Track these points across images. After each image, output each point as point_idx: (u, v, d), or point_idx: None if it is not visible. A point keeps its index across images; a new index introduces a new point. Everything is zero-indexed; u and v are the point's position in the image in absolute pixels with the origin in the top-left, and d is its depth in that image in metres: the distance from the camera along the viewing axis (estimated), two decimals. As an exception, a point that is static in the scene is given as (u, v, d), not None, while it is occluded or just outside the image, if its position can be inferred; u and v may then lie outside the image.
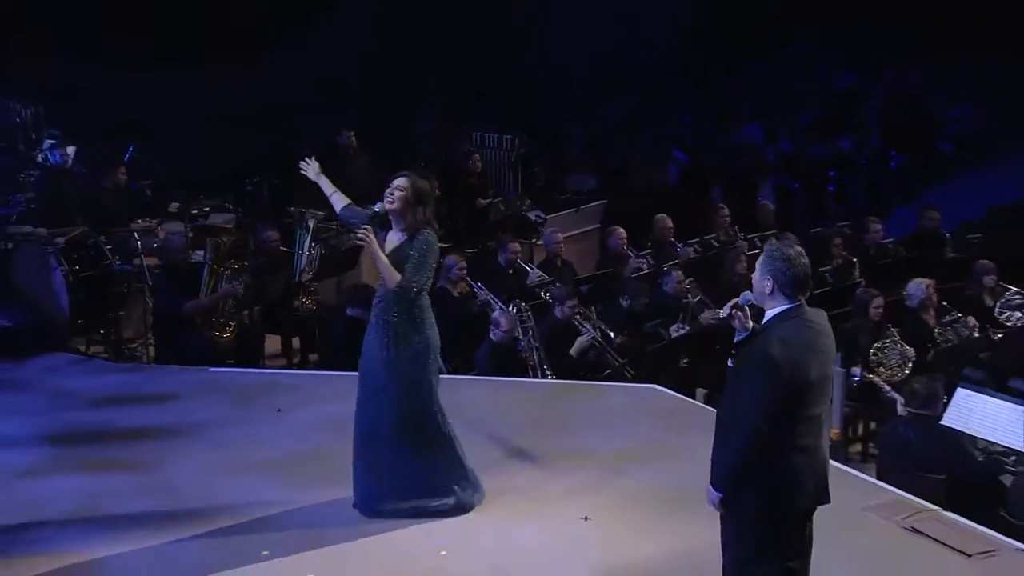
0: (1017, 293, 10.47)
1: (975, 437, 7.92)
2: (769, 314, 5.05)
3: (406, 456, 6.67)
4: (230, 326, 10.02)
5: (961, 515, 6.88)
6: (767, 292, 5.06)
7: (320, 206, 11.66)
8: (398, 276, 6.38)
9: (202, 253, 10.28)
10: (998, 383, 8.94)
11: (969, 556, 6.33)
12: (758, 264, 5.30)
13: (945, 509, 6.92)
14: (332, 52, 16.18)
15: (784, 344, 5.03)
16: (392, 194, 6.45)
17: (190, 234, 11.05)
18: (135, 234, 10.85)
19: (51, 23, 13.62)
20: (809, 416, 5.00)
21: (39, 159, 12.77)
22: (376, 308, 6.67)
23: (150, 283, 10.27)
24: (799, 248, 5.29)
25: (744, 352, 5.22)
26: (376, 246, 6.46)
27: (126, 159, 11.80)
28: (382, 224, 6.57)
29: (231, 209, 12.08)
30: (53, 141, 12.74)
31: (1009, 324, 10.27)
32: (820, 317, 5.16)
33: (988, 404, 7.99)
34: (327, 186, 7.03)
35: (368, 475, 6.77)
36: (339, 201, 7.01)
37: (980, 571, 6.31)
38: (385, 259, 6.47)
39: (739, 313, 5.27)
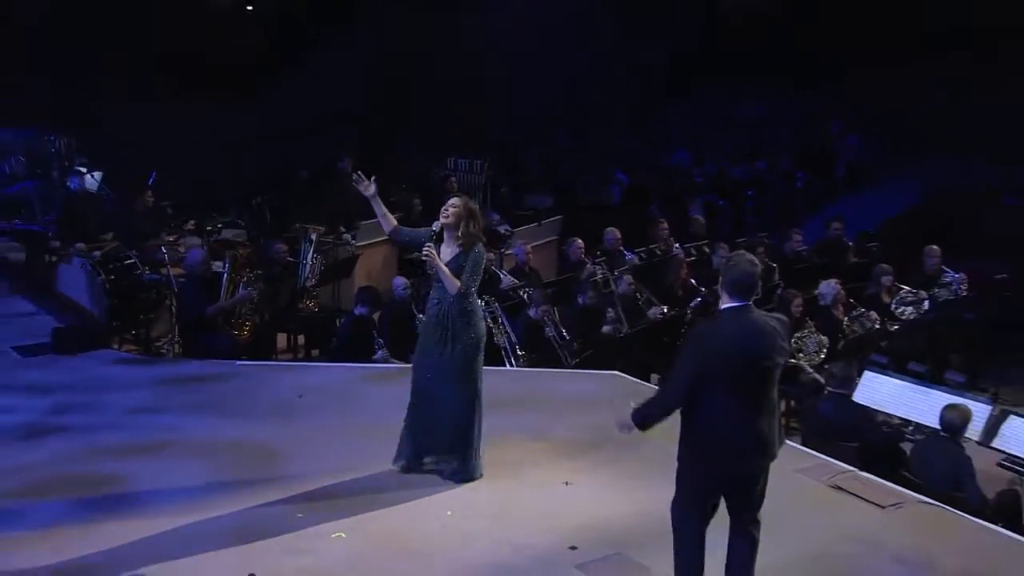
0: (909, 292, 10.73)
1: (881, 411, 8.21)
2: (721, 308, 5.28)
3: (447, 430, 6.82)
4: (247, 326, 10.07)
5: (873, 475, 7.09)
6: (720, 292, 5.31)
7: (319, 222, 12.01)
8: (458, 283, 6.55)
9: (222, 264, 10.27)
10: (899, 367, 9.12)
11: (883, 507, 6.62)
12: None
13: (860, 470, 7.13)
14: (322, 88, 16.08)
15: (712, 331, 5.32)
16: (447, 211, 6.61)
17: (205, 247, 11.02)
18: (162, 248, 10.86)
19: (79, 62, 13.53)
20: (727, 392, 5.17)
21: (70, 185, 12.70)
22: (432, 308, 6.78)
23: (175, 290, 10.24)
24: (750, 258, 5.47)
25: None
26: (439, 260, 6.57)
27: (150, 183, 11.79)
28: (438, 240, 6.70)
29: (241, 225, 12.10)
30: (83, 168, 12.72)
31: (903, 317, 10.53)
32: (764, 319, 5.33)
33: (891, 384, 8.30)
34: (379, 207, 6.98)
35: (414, 439, 6.88)
36: (388, 223, 7.01)
37: (891, 519, 6.58)
38: (446, 270, 6.59)
39: None
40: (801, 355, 9.35)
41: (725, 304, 5.28)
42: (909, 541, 6.38)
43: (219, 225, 12.10)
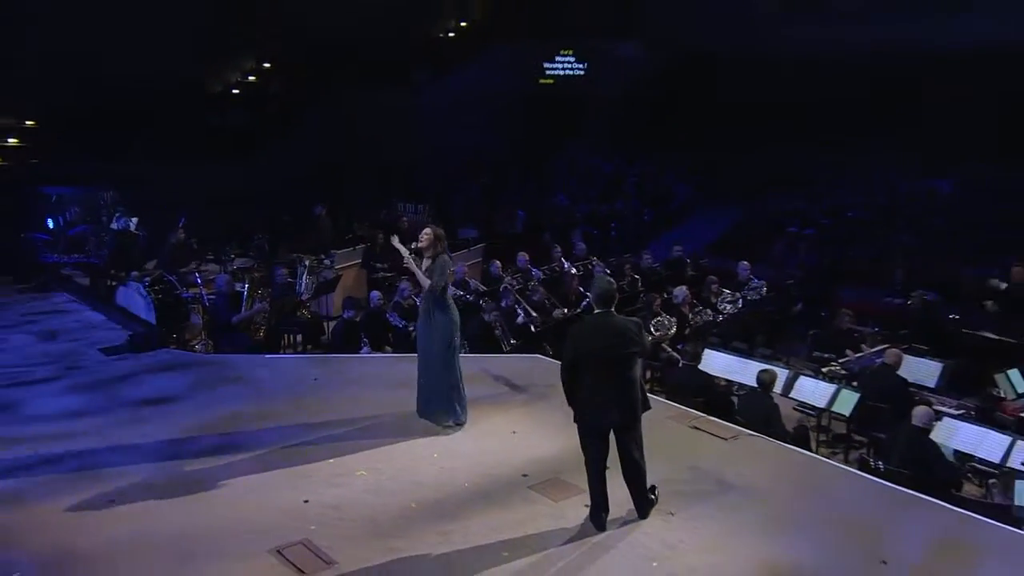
0: (729, 293, 10.94)
1: (718, 376, 8.59)
2: (593, 313, 5.67)
3: (439, 385, 6.98)
4: (261, 329, 10.13)
5: (716, 418, 7.44)
6: (592, 302, 5.73)
7: (305, 252, 11.81)
8: (428, 281, 6.86)
9: (242, 285, 10.31)
10: (727, 345, 9.38)
11: (726, 439, 7.02)
12: None
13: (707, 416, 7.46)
14: (298, 152, 15.69)
15: (579, 329, 5.71)
16: (422, 237, 6.94)
17: (228, 273, 10.91)
18: (196, 273, 10.82)
19: (117, 138, 13.23)
20: (586, 369, 5.46)
21: (113, 226, 12.51)
22: (422, 304, 7.10)
23: (206, 304, 10.17)
24: (609, 279, 5.84)
25: None
26: (415, 267, 6.93)
27: (180, 224, 11.64)
28: (418, 256, 7.00)
29: (251, 256, 11.94)
30: (121, 214, 12.55)
31: (726, 312, 10.70)
32: (613, 321, 5.51)
33: (723, 357, 8.68)
34: (418, 272, 7.05)
35: (421, 393, 7.08)
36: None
37: (732, 447, 6.94)
38: (419, 272, 6.91)
39: None
40: (658, 333, 9.46)
41: (596, 310, 5.62)
42: (738, 461, 6.65)
43: (232, 256, 11.96)
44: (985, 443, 6.95)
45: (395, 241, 7.24)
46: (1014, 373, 8.35)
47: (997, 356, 9.02)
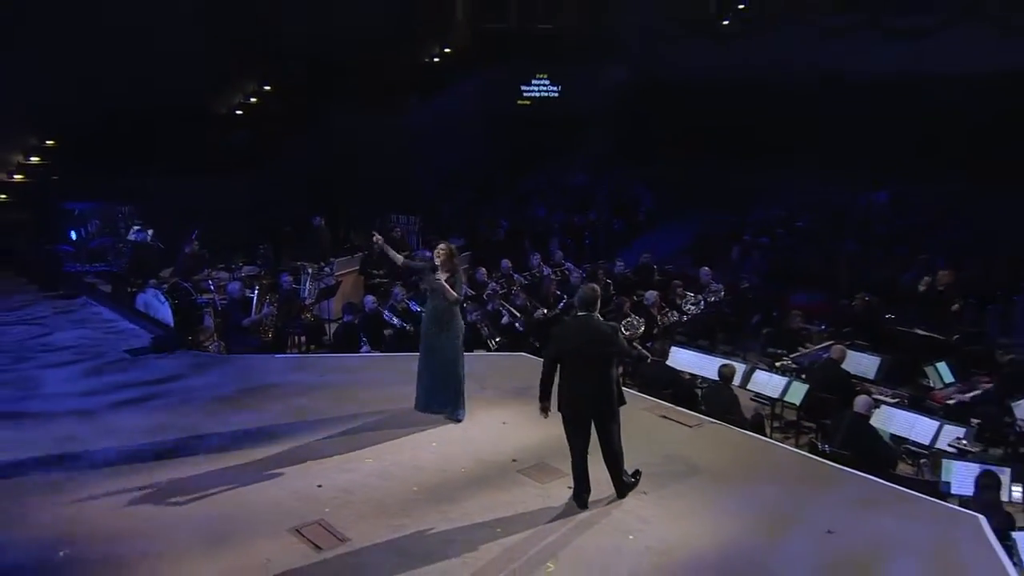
0: (692, 296, 11.04)
1: (684, 371, 8.71)
2: (576, 315, 5.75)
3: (442, 384, 7.04)
4: (269, 331, 9.98)
5: (683, 408, 7.59)
6: (576, 305, 5.73)
7: (306, 261, 11.70)
8: (455, 295, 6.87)
9: (251, 291, 10.19)
10: (692, 343, 9.52)
11: (691, 427, 7.18)
12: None
13: (675, 406, 7.62)
14: (297, 167, 15.48)
15: (560, 329, 5.89)
16: (439, 253, 6.98)
17: (240, 280, 10.77)
18: (210, 280, 10.79)
19: (132, 158, 13.15)
20: (568, 366, 5.58)
21: (130, 238, 12.42)
22: (428, 311, 7.06)
23: (219, 308, 10.07)
24: (592, 286, 5.99)
25: None
26: (446, 285, 6.77)
27: (194, 236, 11.54)
28: (433, 268, 6.99)
29: (257, 264, 11.90)
30: (138, 227, 12.50)
31: (689, 314, 10.82)
32: (593, 323, 5.60)
33: (688, 354, 8.81)
34: (388, 251, 7.27)
35: (422, 390, 7.11)
36: (398, 257, 7.31)
37: (697, 433, 7.08)
38: (448, 287, 6.80)
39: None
40: (628, 332, 9.30)
41: (578, 313, 5.76)
42: (702, 445, 6.81)
43: (240, 264, 11.85)
44: (917, 427, 7.23)
45: (377, 242, 7.43)
46: (942, 365, 8.63)
47: (927, 351, 9.27)
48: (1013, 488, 6.10)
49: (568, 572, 5.10)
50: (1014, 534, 5.46)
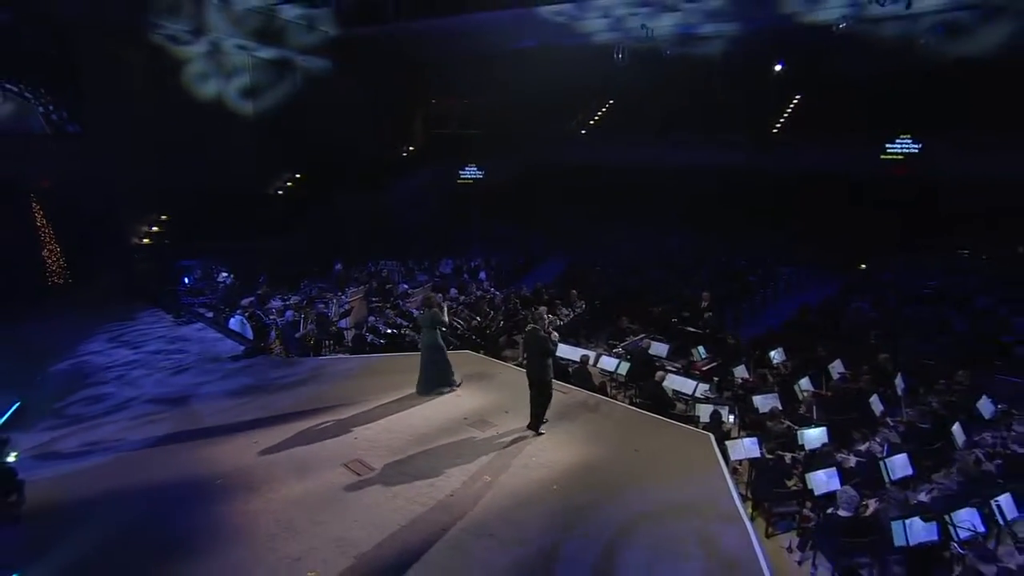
0: (565, 310, 10.37)
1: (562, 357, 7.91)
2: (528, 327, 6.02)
3: (437, 371, 7.04)
4: (311, 340, 9.70)
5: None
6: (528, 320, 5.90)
7: (332, 292, 11.57)
8: (443, 319, 6.88)
9: (299, 315, 10.12)
10: (566, 339, 8.58)
11: (565, 393, 6.93)
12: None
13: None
14: (321, 230, 15.13)
15: (525, 337, 6.31)
16: (425, 301, 7.08)
17: (292, 308, 10.61)
18: (272, 307, 10.68)
19: (214, 226, 12.69)
20: (528, 357, 6.06)
21: (218, 280, 12.32)
22: (426, 332, 6.97)
23: (279, 327, 9.79)
24: (533, 325, 6.13)
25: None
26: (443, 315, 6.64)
27: (262, 280, 11.37)
28: (430, 306, 7.00)
29: (299, 295, 11.57)
30: (224, 272, 12.44)
31: (564, 320, 10.05)
32: (539, 334, 6.06)
33: (564, 346, 8.11)
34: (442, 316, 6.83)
35: (425, 379, 7.04)
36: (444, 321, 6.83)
37: (568, 397, 6.93)
38: (439, 315, 6.72)
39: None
40: (549, 324, 7.81)
41: (528, 327, 6.08)
42: (572, 404, 6.73)
43: (289, 296, 11.58)
44: (686, 385, 7.59)
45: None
46: (700, 348, 8.93)
47: (695, 339, 9.46)
48: (730, 417, 6.89)
49: (500, 477, 5.48)
50: (727, 441, 6.20)
